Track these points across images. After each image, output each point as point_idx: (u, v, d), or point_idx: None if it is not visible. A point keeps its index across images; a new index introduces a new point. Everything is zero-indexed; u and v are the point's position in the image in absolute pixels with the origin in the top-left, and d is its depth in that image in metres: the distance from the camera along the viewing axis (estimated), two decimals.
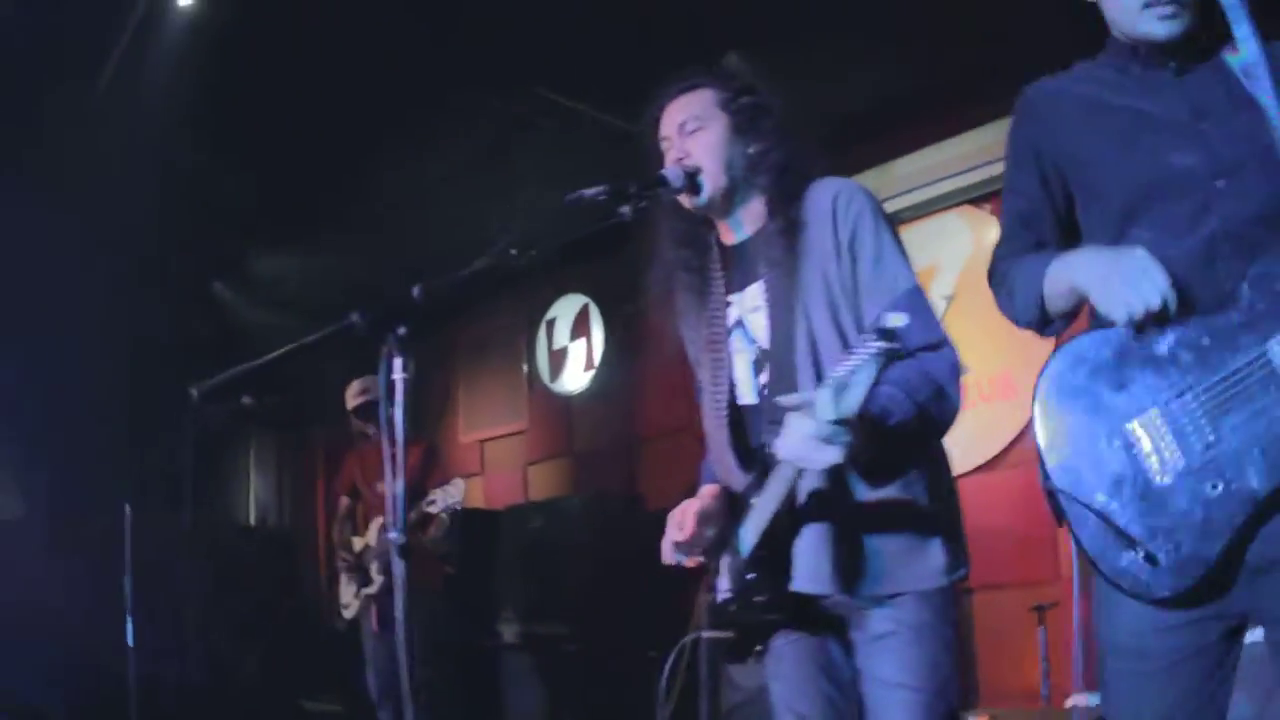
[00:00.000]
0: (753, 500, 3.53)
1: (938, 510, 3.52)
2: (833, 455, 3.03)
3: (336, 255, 10.61)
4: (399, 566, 3.16)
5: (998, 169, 7.89)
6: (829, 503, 3.43)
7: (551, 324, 11.87)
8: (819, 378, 3.40)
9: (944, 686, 3.44)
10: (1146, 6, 2.93)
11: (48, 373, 10.73)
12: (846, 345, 3.38)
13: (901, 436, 3.22)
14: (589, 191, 3.47)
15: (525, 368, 12.17)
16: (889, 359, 2.78)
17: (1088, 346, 2.98)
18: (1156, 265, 2.78)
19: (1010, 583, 7.20)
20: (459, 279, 3.31)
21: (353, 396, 9.30)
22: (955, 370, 3.39)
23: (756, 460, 3.59)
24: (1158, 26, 2.94)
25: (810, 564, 3.43)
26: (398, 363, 3.13)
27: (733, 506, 3.71)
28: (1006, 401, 7.97)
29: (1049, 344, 7.56)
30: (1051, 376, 3.02)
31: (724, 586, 3.66)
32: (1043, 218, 3.25)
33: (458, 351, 13.01)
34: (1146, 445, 2.86)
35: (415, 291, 3.19)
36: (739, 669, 7.70)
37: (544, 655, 9.24)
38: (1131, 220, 2.99)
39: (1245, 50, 2.87)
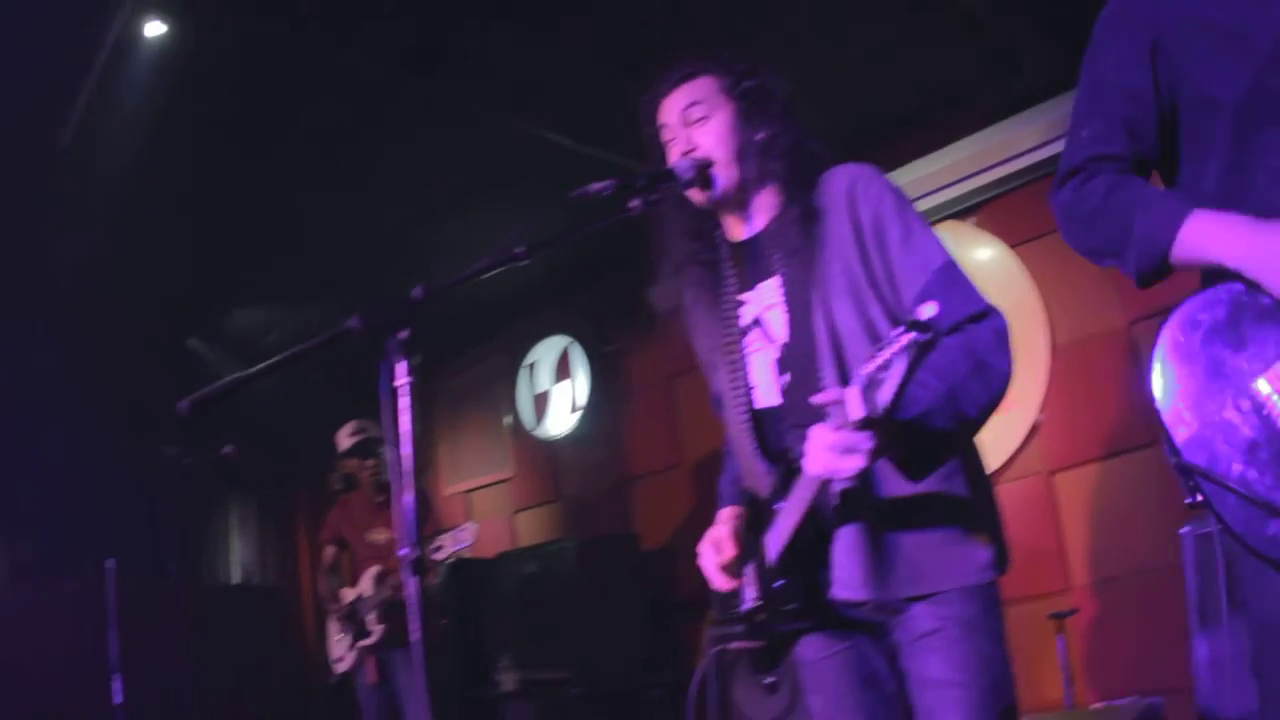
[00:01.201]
0: (777, 506, 3.38)
1: (977, 501, 3.35)
2: (857, 463, 2.86)
3: (318, 303, 10.45)
4: (413, 583, 2.95)
5: (980, 181, 7.94)
6: (860, 503, 3.28)
7: (533, 368, 11.71)
8: (843, 373, 3.28)
9: (997, 681, 3.25)
10: None
11: (29, 434, 10.64)
12: (875, 337, 3.25)
13: (940, 423, 3.04)
14: (595, 186, 3.33)
15: (508, 415, 12.02)
16: (921, 351, 2.62)
17: (1198, 308, 2.72)
18: None
19: (1022, 597, 7.03)
20: (462, 277, 3.13)
21: (346, 437, 9.22)
22: (1000, 337, 3.20)
23: (781, 464, 3.44)
24: None
25: (845, 568, 3.28)
26: (400, 367, 2.96)
27: (758, 514, 3.55)
28: (1005, 414, 7.80)
29: (1043, 355, 7.53)
30: (1166, 346, 2.76)
31: (750, 595, 3.50)
32: (1150, 127, 2.91)
33: (437, 403, 12.89)
34: (1278, 403, 2.60)
35: (417, 292, 3.01)
36: (750, 701, 7.57)
37: (545, 701, 9.05)
38: (1254, 140, 2.73)
39: None
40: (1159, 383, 2.75)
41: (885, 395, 2.70)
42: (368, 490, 9.26)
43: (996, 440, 7.87)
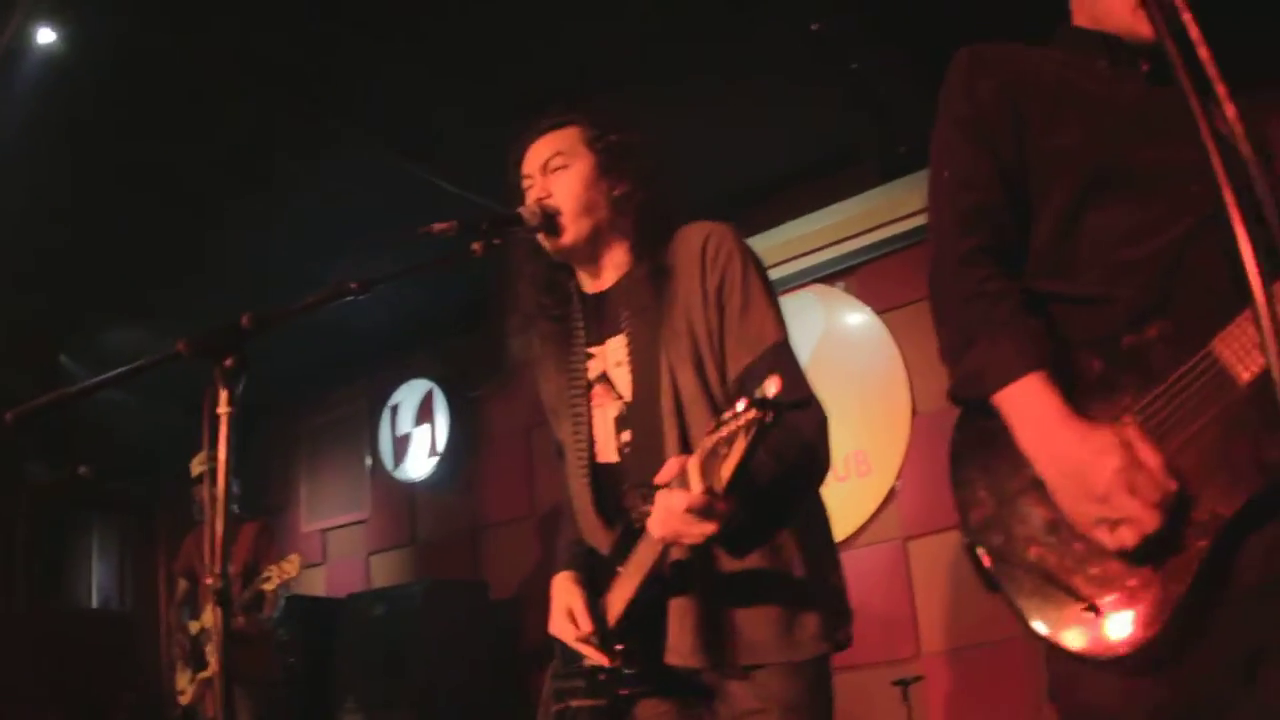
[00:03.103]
0: (618, 568, 3.33)
1: (811, 577, 3.31)
2: (706, 530, 2.84)
3: (187, 326, 10.32)
4: (217, 615, 2.86)
5: (850, 246, 7.98)
6: (694, 574, 3.25)
7: (395, 410, 11.61)
8: (684, 437, 3.26)
9: None
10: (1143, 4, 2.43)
11: None
12: (712, 401, 3.24)
13: (768, 502, 3.03)
14: (439, 226, 3.26)
15: (368, 456, 11.90)
16: (763, 430, 2.57)
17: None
18: (1149, 477, 2.31)
19: (872, 662, 7.05)
20: (291, 310, 3.07)
21: (197, 465, 9.07)
22: (823, 429, 3.20)
23: (620, 523, 3.39)
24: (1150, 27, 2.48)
25: (678, 637, 3.24)
26: (223, 395, 2.89)
27: (598, 572, 3.50)
28: (862, 479, 7.90)
29: (904, 422, 7.56)
30: (964, 424, 2.70)
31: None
32: (1000, 206, 2.74)
33: (299, 440, 12.74)
34: None
35: (244, 320, 2.95)
36: None
37: None
38: (1089, 208, 2.64)
39: None
40: (954, 464, 2.68)
41: (726, 471, 2.67)
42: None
43: (853, 505, 7.90)
